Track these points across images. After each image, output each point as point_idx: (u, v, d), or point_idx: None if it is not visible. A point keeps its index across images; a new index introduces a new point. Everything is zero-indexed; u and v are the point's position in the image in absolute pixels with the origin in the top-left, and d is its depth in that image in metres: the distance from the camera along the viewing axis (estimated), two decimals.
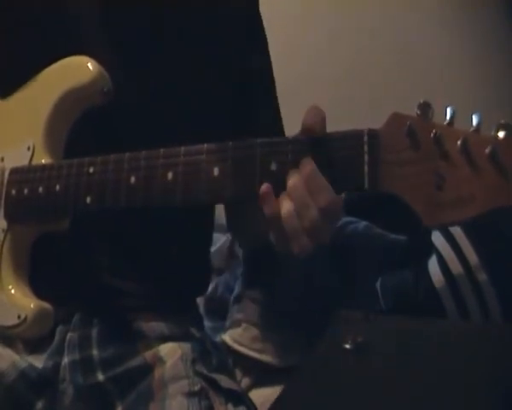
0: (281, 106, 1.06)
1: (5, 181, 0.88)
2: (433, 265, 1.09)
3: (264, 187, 0.69)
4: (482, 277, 1.02)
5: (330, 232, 0.71)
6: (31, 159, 0.87)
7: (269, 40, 1.05)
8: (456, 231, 1.08)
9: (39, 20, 0.93)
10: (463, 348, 0.76)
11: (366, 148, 0.65)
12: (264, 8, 1.05)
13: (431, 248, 1.12)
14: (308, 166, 0.67)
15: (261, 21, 1.04)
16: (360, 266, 1.20)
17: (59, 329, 0.91)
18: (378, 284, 1.15)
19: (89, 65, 0.85)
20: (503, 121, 0.59)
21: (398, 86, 1.72)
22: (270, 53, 1.05)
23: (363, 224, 1.28)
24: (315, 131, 0.67)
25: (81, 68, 0.86)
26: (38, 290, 0.86)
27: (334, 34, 1.86)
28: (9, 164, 0.89)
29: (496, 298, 1.02)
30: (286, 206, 0.69)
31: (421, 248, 1.15)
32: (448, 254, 1.07)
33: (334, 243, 1.21)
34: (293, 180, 0.68)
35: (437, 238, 1.11)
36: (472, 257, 1.04)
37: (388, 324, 0.88)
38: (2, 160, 0.90)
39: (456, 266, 1.05)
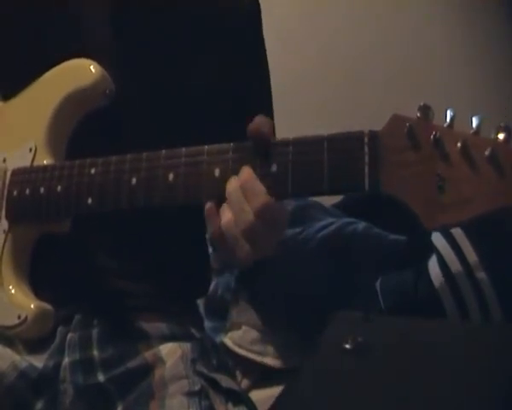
0: (281, 106, 1.06)
1: (7, 182, 0.89)
2: (432, 265, 1.09)
3: (208, 206, 0.72)
4: (481, 275, 1.02)
5: (271, 241, 0.73)
6: (32, 160, 0.88)
7: (269, 40, 1.05)
8: (456, 231, 1.08)
9: (41, 23, 0.93)
10: (463, 348, 0.76)
11: (366, 149, 0.65)
12: (264, 9, 1.05)
13: (431, 249, 1.12)
14: (245, 171, 0.70)
15: (261, 25, 1.04)
16: (360, 266, 1.20)
17: (59, 329, 0.91)
18: (378, 284, 1.15)
19: (91, 67, 0.86)
20: (502, 124, 0.59)
21: (398, 86, 1.73)
22: (271, 53, 1.05)
23: (362, 224, 1.28)
24: (261, 132, 0.70)
25: (83, 71, 0.86)
26: (39, 291, 0.86)
27: (334, 34, 1.86)
28: (11, 165, 0.89)
29: (495, 296, 1.02)
30: (225, 215, 0.71)
31: (420, 248, 1.15)
32: (448, 253, 1.07)
33: (334, 243, 1.21)
34: (230, 185, 0.71)
35: (437, 238, 1.11)
36: (471, 256, 1.04)
37: (388, 324, 0.88)
38: (5, 161, 0.91)
39: (455, 265, 1.05)
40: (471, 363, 0.73)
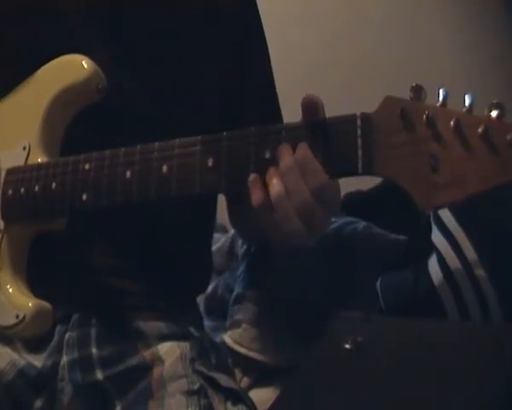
0: (281, 106, 1.06)
1: (1, 182, 0.88)
2: (433, 264, 1.09)
3: (252, 177, 0.69)
4: (480, 272, 1.02)
5: (326, 220, 0.71)
6: (26, 159, 0.87)
7: (269, 40, 1.05)
8: (457, 230, 1.08)
9: (31, 22, 0.92)
10: (463, 348, 0.76)
11: (359, 131, 0.65)
12: (264, 9, 1.05)
13: (431, 248, 1.12)
14: (302, 149, 0.67)
15: (259, 18, 1.04)
16: (360, 266, 1.20)
17: (58, 328, 0.91)
18: (378, 284, 1.15)
19: (83, 63, 0.86)
20: (495, 101, 0.59)
21: (398, 86, 1.72)
22: (271, 53, 1.05)
23: (362, 224, 1.27)
24: (316, 108, 0.67)
25: (75, 67, 0.86)
26: (37, 290, 0.86)
27: (334, 34, 1.86)
28: (5, 165, 0.89)
29: (494, 294, 1.02)
30: (276, 187, 0.68)
31: (421, 247, 1.15)
32: (448, 253, 1.07)
33: (333, 242, 1.21)
34: (286, 162, 0.68)
35: (437, 238, 1.11)
36: (470, 254, 1.04)
37: (388, 324, 0.88)
38: None
39: (455, 264, 1.05)
40: (471, 363, 0.73)
